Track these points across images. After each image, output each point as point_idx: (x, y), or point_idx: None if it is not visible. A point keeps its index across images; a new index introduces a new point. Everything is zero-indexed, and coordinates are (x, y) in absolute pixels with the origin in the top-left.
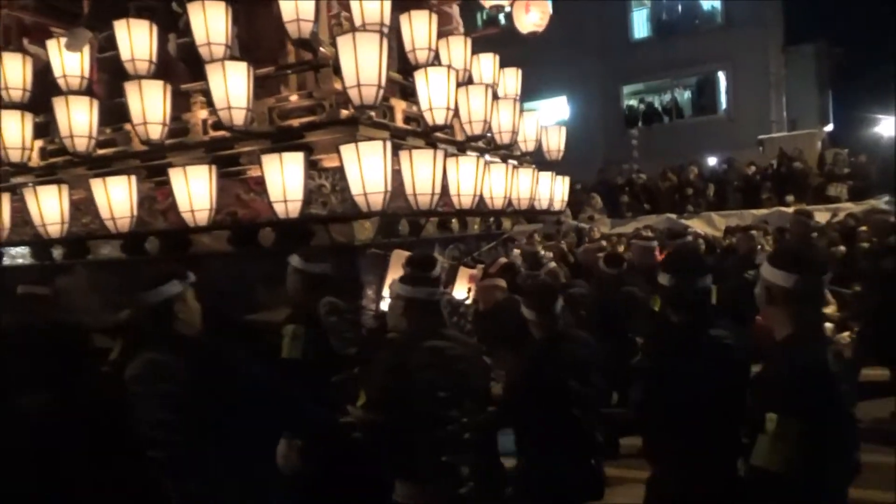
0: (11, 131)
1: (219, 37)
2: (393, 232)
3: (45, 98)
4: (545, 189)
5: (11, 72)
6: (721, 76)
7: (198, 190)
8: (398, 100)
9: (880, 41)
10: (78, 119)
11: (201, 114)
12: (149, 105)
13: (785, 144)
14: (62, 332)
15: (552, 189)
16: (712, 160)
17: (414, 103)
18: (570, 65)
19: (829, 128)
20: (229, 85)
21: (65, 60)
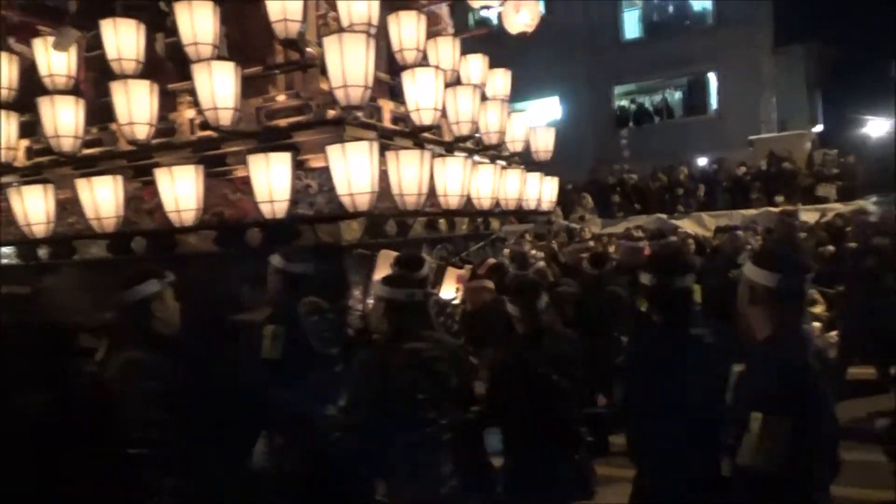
0: None
1: (206, 36)
2: (380, 232)
3: (31, 97)
4: (533, 189)
5: None
6: (711, 77)
7: (184, 190)
8: (386, 100)
9: (870, 42)
10: (64, 119)
11: (188, 113)
12: (135, 105)
13: (774, 145)
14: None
15: (540, 189)
16: (702, 160)
17: (401, 104)
18: (562, 65)
19: (819, 128)
20: (216, 85)
21: (51, 59)
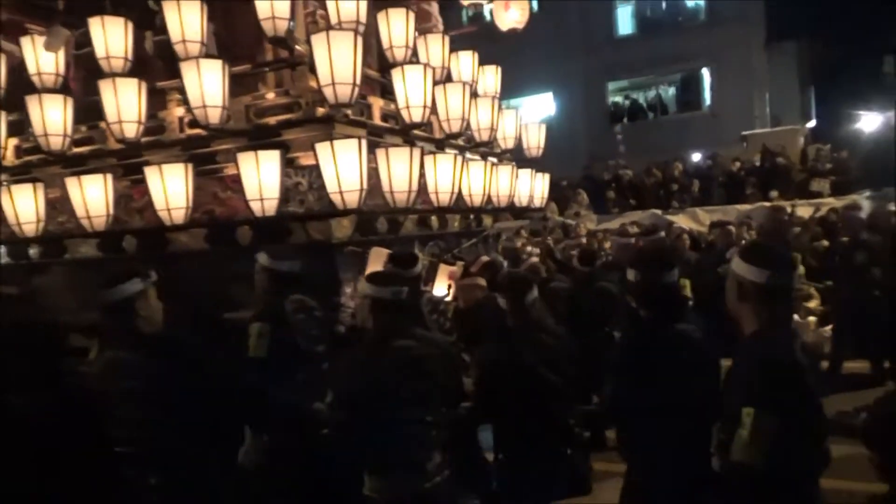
0: None
1: (194, 34)
2: (371, 230)
3: (20, 95)
4: (525, 186)
5: None
6: (705, 73)
7: (174, 188)
8: (376, 97)
9: (862, 38)
10: (52, 117)
11: (178, 112)
12: (124, 103)
13: (768, 140)
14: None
15: (532, 186)
16: (696, 156)
17: (391, 101)
18: (556, 61)
19: (812, 124)
20: (204, 83)
21: (39, 58)
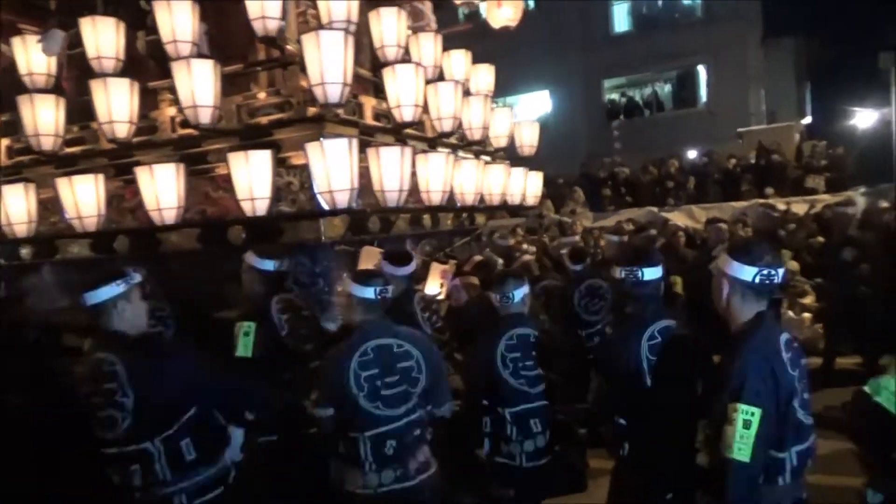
0: None
1: (185, 34)
2: (363, 229)
3: (11, 96)
4: (518, 184)
5: None
6: (701, 70)
7: (165, 188)
8: (367, 96)
9: (857, 35)
10: (44, 117)
11: (169, 111)
12: (115, 103)
13: (764, 137)
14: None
15: (525, 184)
16: (693, 153)
17: (384, 100)
18: (552, 59)
19: (807, 120)
20: (195, 82)
21: (30, 58)
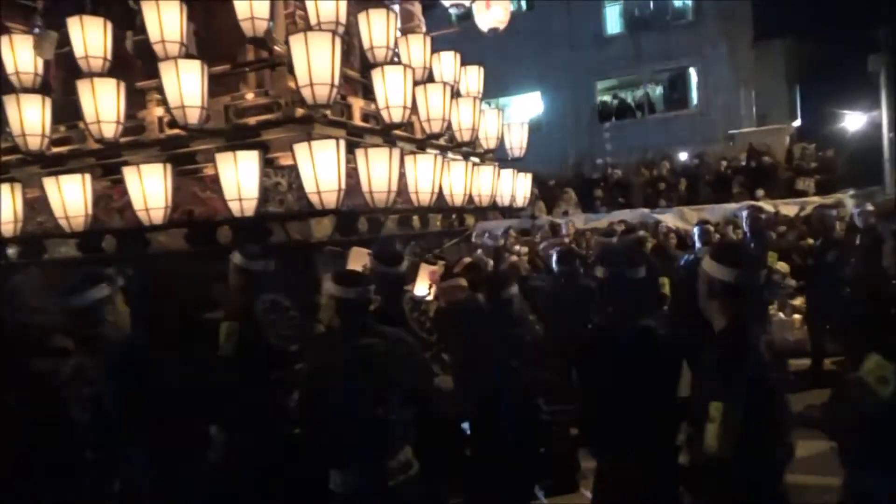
0: None
1: (173, 34)
2: (352, 229)
3: None
4: (507, 185)
5: None
6: (692, 72)
7: (152, 188)
8: (357, 98)
9: (847, 37)
10: (30, 117)
11: (157, 111)
12: (102, 103)
13: (754, 139)
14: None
15: (514, 185)
16: (684, 155)
17: (372, 101)
18: (544, 61)
19: (798, 123)
20: (183, 83)
21: (17, 57)
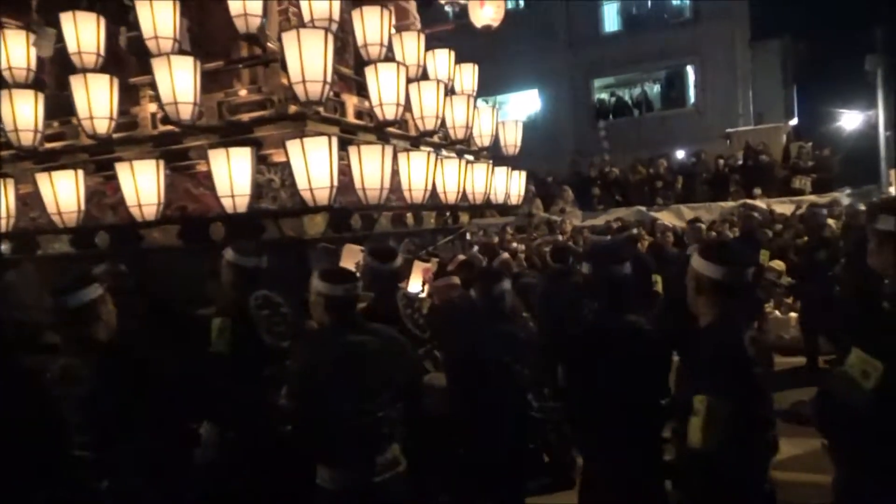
0: None
1: (166, 30)
2: (345, 226)
3: None
4: (501, 183)
5: None
6: (690, 70)
7: (145, 184)
8: (349, 95)
9: (844, 37)
10: (23, 112)
11: (150, 108)
12: (95, 99)
13: (751, 138)
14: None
15: (508, 183)
16: (681, 153)
17: (366, 98)
18: (541, 58)
19: (794, 121)
20: (175, 79)
21: (9, 52)
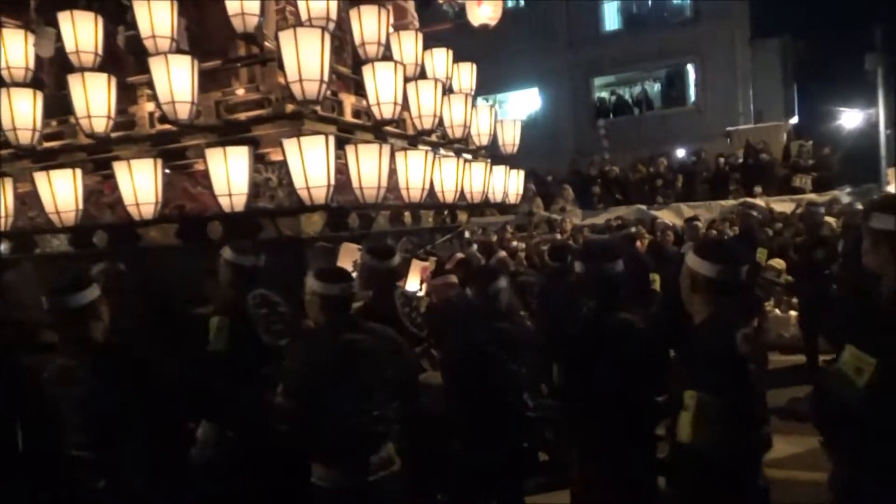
0: None
1: (164, 30)
2: (343, 225)
3: None
4: (499, 182)
5: None
6: (690, 69)
7: (143, 183)
8: (348, 94)
9: (844, 36)
10: (21, 111)
11: (148, 107)
12: (93, 98)
13: (751, 136)
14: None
15: (506, 182)
16: (681, 152)
17: (363, 97)
18: (542, 57)
19: (794, 120)
20: (173, 78)
21: (7, 51)
